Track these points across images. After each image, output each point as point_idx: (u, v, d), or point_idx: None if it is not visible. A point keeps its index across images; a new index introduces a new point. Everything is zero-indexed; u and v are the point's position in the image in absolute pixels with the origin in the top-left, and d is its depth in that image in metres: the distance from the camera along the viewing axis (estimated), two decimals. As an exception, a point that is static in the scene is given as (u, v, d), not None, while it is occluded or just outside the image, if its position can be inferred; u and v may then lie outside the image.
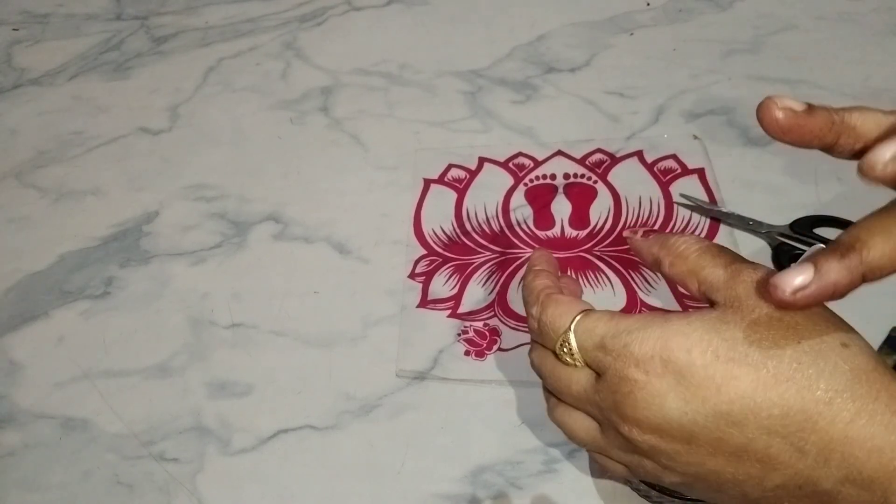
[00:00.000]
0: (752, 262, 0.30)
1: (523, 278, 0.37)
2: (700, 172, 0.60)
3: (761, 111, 0.29)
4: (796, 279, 0.26)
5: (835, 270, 0.26)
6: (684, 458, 0.29)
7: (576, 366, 0.31)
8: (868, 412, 0.26)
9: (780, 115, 0.28)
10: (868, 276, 0.26)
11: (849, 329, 0.28)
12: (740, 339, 0.28)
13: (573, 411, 0.33)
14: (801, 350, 0.27)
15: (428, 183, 0.62)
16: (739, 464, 0.28)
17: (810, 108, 0.28)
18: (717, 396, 0.27)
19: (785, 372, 0.27)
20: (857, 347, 0.28)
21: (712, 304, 0.30)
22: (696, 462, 0.29)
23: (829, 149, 0.29)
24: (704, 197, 0.58)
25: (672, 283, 0.33)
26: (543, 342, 0.33)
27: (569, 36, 0.75)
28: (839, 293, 0.26)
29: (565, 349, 0.31)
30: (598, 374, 0.31)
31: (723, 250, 0.31)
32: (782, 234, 0.54)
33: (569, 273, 0.54)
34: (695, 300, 0.32)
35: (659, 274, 0.33)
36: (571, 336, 0.31)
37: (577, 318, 0.31)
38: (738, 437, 0.27)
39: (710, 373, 0.27)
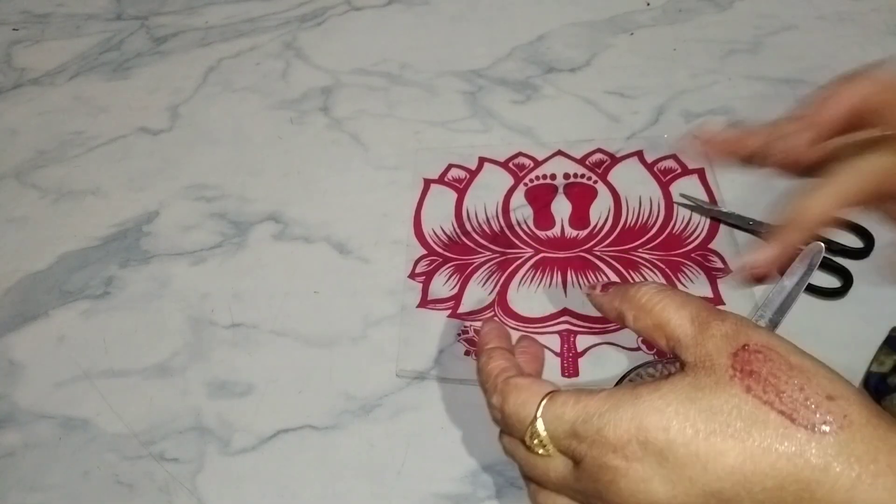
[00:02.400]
0: (719, 311, 0.29)
1: (477, 360, 0.35)
2: (700, 172, 0.60)
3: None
4: (750, 260, 0.30)
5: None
6: None
7: (549, 455, 0.30)
8: (869, 475, 0.24)
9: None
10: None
11: (833, 375, 0.27)
12: (719, 407, 0.26)
13: (557, 496, 0.31)
14: (786, 408, 0.25)
15: (428, 183, 0.62)
16: None
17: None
18: (704, 476, 0.26)
19: (772, 437, 0.25)
20: (843, 399, 0.26)
21: (682, 363, 0.29)
22: None
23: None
24: (704, 197, 0.58)
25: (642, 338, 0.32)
26: (510, 433, 0.31)
27: (569, 36, 0.75)
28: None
29: (535, 441, 0.29)
30: (575, 461, 0.29)
31: (687, 300, 0.30)
32: (782, 234, 0.54)
33: (568, 273, 0.54)
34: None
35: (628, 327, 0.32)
36: (539, 425, 0.29)
37: (543, 403, 0.29)
38: None
39: (692, 450, 0.26)
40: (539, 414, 0.29)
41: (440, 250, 0.57)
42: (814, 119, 0.35)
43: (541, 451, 0.29)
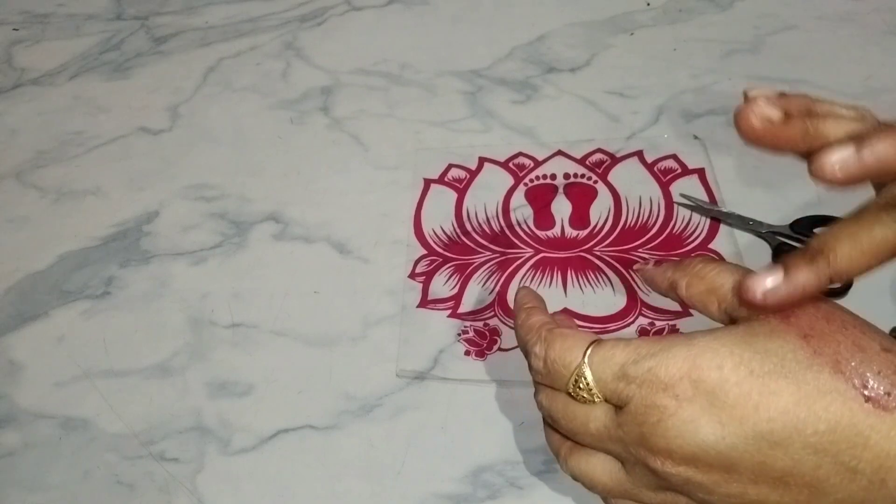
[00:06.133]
0: None
1: (515, 319, 0.35)
2: (700, 172, 0.60)
3: (739, 118, 0.28)
4: (766, 281, 0.26)
5: (803, 274, 0.26)
6: (723, 489, 0.26)
7: (593, 402, 0.29)
8: None
9: (756, 123, 0.28)
10: (834, 279, 0.26)
11: (885, 334, 0.27)
12: (774, 350, 0.26)
13: (592, 455, 0.31)
14: (842, 357, 0.25)
15: (428, 183, 0.62)
16: (786, 490, 0.26)
17: (787, 116, 0.28)
18: (755, 415, 0.25)
19: (827, 383, 0.25)
20: None
21: (735, 322, 0.29)
22: (736, 493, 0.26)
23: (802, 156, 0.29)
24: (704, 197, 0.58)
25: (689, 307, 0.32)
26: (553, 382, 0.31)
27: (569, 36, 0.75)
28: (807, 295, 0.26)
29: (581, 385, 0.29)
30: (619, 407, 0.28)
31: (740, 267, 0.30)
32: (782, 234, 0.54)
33: (568, 273, 0.54)
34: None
35: (677, 300, 0.32)
36: (586, 369, 0.29)
37: (590, 348, 0.29)
38: (783, 460, 0.25)
39: (745, 390, 0.25)
40: (586, 358, 0.29)
41: (440, 250, 0.57)
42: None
43: (585, 396, 0.29)
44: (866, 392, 0.24)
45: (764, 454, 0.25)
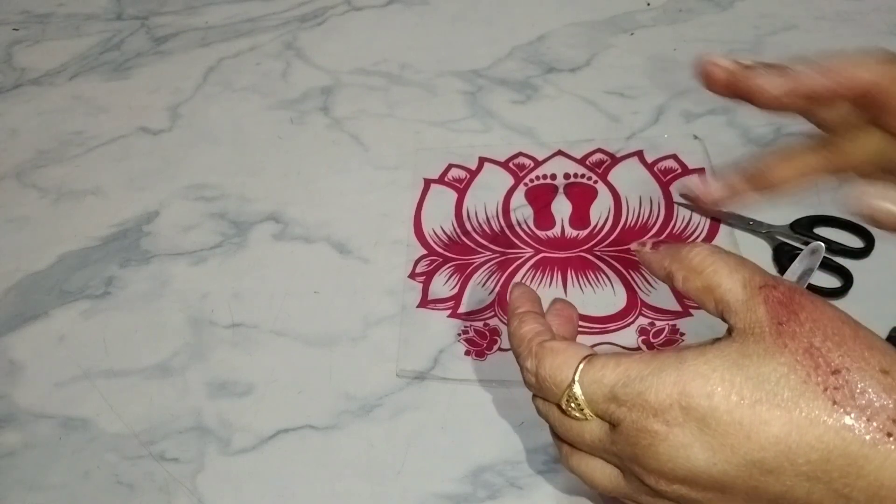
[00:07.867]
0: (772, 277, 0.28)
1: (508, 326, 0.34)
2: (700, 172, 0.60)
3: (704, 75, 0.35)
4: (700, 184, 0.33)
5: (736, 176, 0.33)
6: None
7: (586, 419, 0.29)
8: None
9: (720, 75, 0.35)
10: (761, 186, 0.34)
11: (888, 350, 0.26)
12: (766, 375, 0.25)
13: (591, 459, 0.31)
14: (838, 382, 0.25)
15: (428, 183, 0.62)
16: None
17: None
18: (746, 444, 0.25)
19: (821, 411, 0.24)
20: None
21: (730, 328, 0.28)
22: None
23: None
24: (704, 197, 0.58)
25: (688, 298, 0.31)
26: (545, 397, 0.30)
27: (569, 36, 0.75)
28: (736, 196, 0.33)
29: (572, 405, 0.29)
30: (612, 424, 0.28)
31: (740, 263, 0.29)
32: (782, 234, 0.54)
33: (568, 273, 0.54)
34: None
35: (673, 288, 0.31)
36: (577, 389, 0.28)
37: (580, 367, 0.29)
38: (776, 485, 0.25)
39: (736, 418, 0.25)
40: (577, 377, 0.29)
41: (440, 250, 0.57)
42: (809, 82, 0.34)
43: (577, 415, 0.29)
44: (863, 420, 0.24)
45: (756, 480, 0.25)
